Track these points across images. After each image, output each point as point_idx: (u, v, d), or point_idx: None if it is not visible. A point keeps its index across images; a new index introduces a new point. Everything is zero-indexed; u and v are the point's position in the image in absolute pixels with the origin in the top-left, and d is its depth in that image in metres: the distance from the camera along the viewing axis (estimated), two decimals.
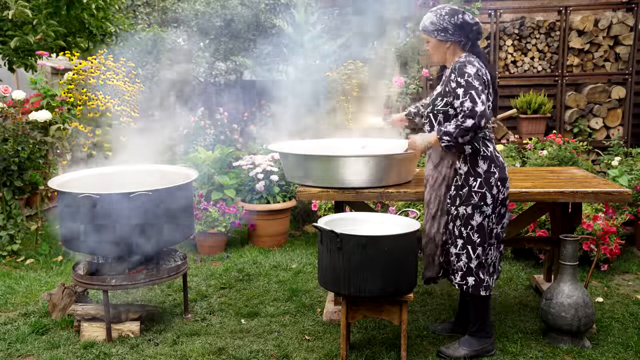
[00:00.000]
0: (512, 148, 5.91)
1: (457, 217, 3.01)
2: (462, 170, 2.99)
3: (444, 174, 3.05)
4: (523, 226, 3.89)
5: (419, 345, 3.30)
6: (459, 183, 3.00)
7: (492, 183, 2.97)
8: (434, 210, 3.11)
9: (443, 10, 2.97)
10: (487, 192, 2.96)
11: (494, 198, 2.98)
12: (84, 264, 3.60)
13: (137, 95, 5.32)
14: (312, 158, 3.43)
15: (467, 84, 2.84)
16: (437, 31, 2.97)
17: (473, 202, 2.96)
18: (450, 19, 2.94)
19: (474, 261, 3.01)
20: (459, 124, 2.83)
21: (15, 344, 3.36)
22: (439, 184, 3.07)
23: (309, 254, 5.13)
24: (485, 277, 3.05)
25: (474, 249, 3.00)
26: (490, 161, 2.98)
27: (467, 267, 3.02)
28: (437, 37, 2.99)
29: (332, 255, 2.90)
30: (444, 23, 2.95)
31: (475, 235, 2.99)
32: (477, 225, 2.98)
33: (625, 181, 5.04)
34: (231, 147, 6.19)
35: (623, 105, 6.43)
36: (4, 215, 4.95)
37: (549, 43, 6.44)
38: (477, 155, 2.97)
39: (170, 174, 3.97)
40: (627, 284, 4.30)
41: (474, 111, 2.79)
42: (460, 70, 2.88)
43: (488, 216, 2.99)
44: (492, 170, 2.97)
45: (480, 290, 3.04)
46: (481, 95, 2.82)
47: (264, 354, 3.21)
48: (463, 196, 2.98)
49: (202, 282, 4.42)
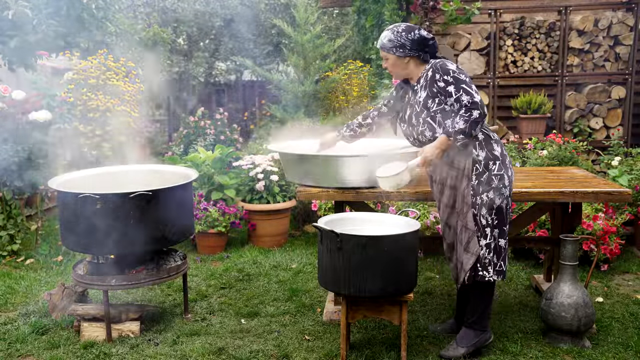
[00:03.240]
0: (512, 148, 5.90)
1: (482, 205, 2.99)
2: (481, 156, 2.98)
3: (462, 167, 3.02)
4: (523, 226, 3.89)
5: (419, 345, 3.30)
6: (480, 170, 2.98)
7: (507, 164, 3.04)
8: (459, 208, 3.06)
9: (399, 27, 3.06)
10: (505, 173, 3.01)
11: (509, 179, 3.04)
12: (84, 264, 3.60)
13: (137, 95, 5.33)
14: (312, 158, 3.43)
15: (455, 80, 2.91)
16: (395, 48, 3.03)
17: (494, 185, 2.98)
18: (407, 35, 3.02)
19: (491, 245, 3.02)
20: (466, 118, 2.85)
21: (15, 344, 3.36)
22: (460, 179, 3.04)
23: (309, 254, 5.13)
24: (499, 261, 3.05)
25: (492, 232, 3.01)
26: (501, 145, 3.07)
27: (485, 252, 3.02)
28: (395, 54, 3.04)
29: (332, 255, 2.90)
30: (401, 39, 3.01)
31: (495, 218, 3.01)
32: (496, 207, 3.00)
33: (625, 181, 5.04)
34: (231, 147, 6.19)
35: (623, 105, 6.43)
36: (4, 215, 4.95)
37: (549, 43, 6.44)
38: (490, 139, 3.02)
39: (170, 174, 3.97)
40: (627, 284, 4.30)
41: (475, 102, 2.86)
42: (443, 68, 2.94)
43: (506, 197, 3.03)
44: (505, 152, 3.06)
45: (492, 274, 3.02)
46: (472, 86, 2.90)
47: (264, 354, 3.21)
48: (484, 182, 2.98)
49: (202, 282, 4.42)
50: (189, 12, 8.33)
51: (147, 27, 7.60)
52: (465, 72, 2.98)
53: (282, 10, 8.77)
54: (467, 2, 6.24)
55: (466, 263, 3.05)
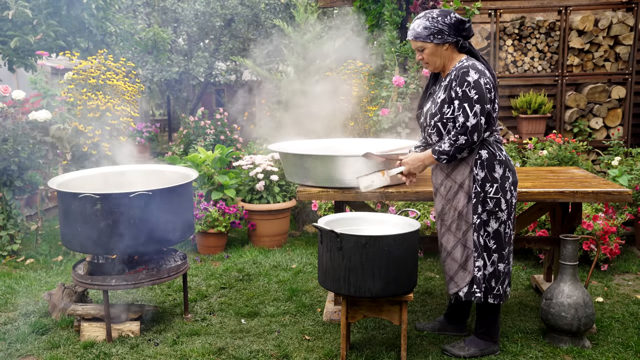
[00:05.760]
0: (512, 148, 5.90)
1: (479, 225, 2.94)
2: (479, 176, 2.91)
3: (459, 182, 2.97)
4: (523, 226, 3.89)
5: (419, 345, 3.29)
6: (477, 190, 2.91)
7: (507, 188, 2.93)
8: (449, 222, 3.03)
9: (433, 13, 2.89)
10: (502, 197, 2.92)
11: (507, 203, 2.94)
12: (84, 264, 3.61)
13: (137, 95, 5.33)
14: (312, 158, 3.43)
15: (463, 95, 2.80)
16: (432, 35, 2.87)
17: (488, 208, 2.91)
18: (443, 19, 2.86)
19: (488, 268, 2.97)
20: (452, 142, 2.82)
21: (15, 344, 3.36)
22: (454, 192, 2.99)
23: (309, 254, 5.13)
24: (497, 285, 2.99)
25: (489, 256, 2.96)
26: (505, 165, 2.94)
27: (482, 274, 2.98)
28: (433, 42, 2.88)
29: (332, 255, 2.90)
30: (438, 25, 2.85)
31: (492, 242, 2.95)
32: (492, 231, 2.94)
33: (625, 181, 5.04)
34: (231, 147, 6.19)
35: (623, 105, 6.43)
36: (4, 215, 4.95)
37: (549, 43, 6.44)
38: (494, 160, 2.91)
39: (170, 174, 3.97)
40: (627, 284, 4.30)
41: (465, 126, 2.78)
42: (462, 78, 2.82)
43: (504, 222, 2.95)
44: (507, 174, 2.94)
45: (488, 297, 3.00)
46: (474, 107, 2.78)
47: (264, 354, 3.21)
48: (479, 203, 2.92)
49: (202, 282, 4.42)
50: (189, 12, 8.33)
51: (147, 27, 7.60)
52: (483, 86, 2.80)
53: (282, 10, 8.77)
54: (467, 2, 6.24)
55: (461, 280, 3.03)
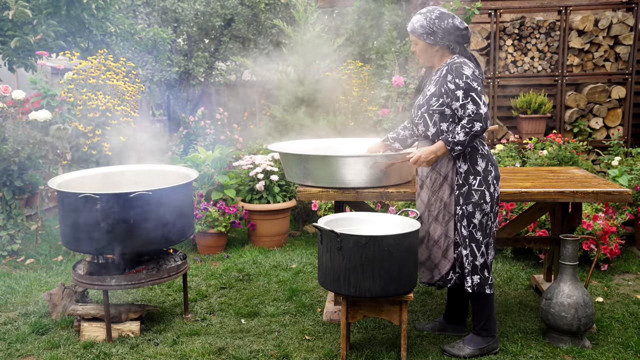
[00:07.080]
0: (512, 148, 5.91)
1: (463, 216, 3.01)
2: (462, 169, 2.99)
3: (444, 174, 3.05)
4: (523, 226, 3.89)
5: (419, 345, 3.30)
6: (460, 182, 3.00)
7: (490, 181, 3.00)
8: (436, 212, 3.10)
9: (433, 13, 2.95)
10: (486, 190, 2.99)
11: (491, 196, 3.01)
12: (83, 264, 3.60)
13: (137, 95, 5.32)
14: (312, 158, 3.43)
15: (466, 86, 2.85)
16: (426, 34, 2.96)
17: (473, 200, 2.98)
18: (440, 23, 2.93)
19: (479, 259, 3.03)
20: (467, 130, 2.84)
21: (15, 344, 3.36)
22: (439, 184, 3.06)
23: (309, 254, 5.13)
24: (490, 275, 3.08)
25: (478, 247, 3.02)
26: (487, 159, 3.02)
27: (473, 266, 3.03)
28: (425, 41, 2.98)
29: (332, 255, 2.90)
30: (433, 27, 2.93)
31: (478, 233, 3.01)
32: (478, 223, 3.00)
33: (625, 181, 5.04)
34: (231, 147, 6.19)
35: (623, 105, 6.44)
36: (4, 215, 4.95)
37: (549, 43, 6.44)
38: (477, 153, 2.99)
39: (170, 174, 3.97)
40: (627, 284, 4.30)
41: (479, 114, 2.83)
42: (458, 72, 2.89)
43: (487, 214, 3.01)
44: (489, 168, 3.01)
45: (485, 288, 3.06)
46: (482, 97, 2.86)
47: (264, 354, 3.21)
48: (464, 195, 2.99)
49: (202, 282, 4.42)
50: (189, 12, 8.32)
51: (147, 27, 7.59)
52: (480, 79, 2.92)
53: (282, 10, 8.76)
54: (467, 2, 6.24)
55: (443, 267, 3.12)
